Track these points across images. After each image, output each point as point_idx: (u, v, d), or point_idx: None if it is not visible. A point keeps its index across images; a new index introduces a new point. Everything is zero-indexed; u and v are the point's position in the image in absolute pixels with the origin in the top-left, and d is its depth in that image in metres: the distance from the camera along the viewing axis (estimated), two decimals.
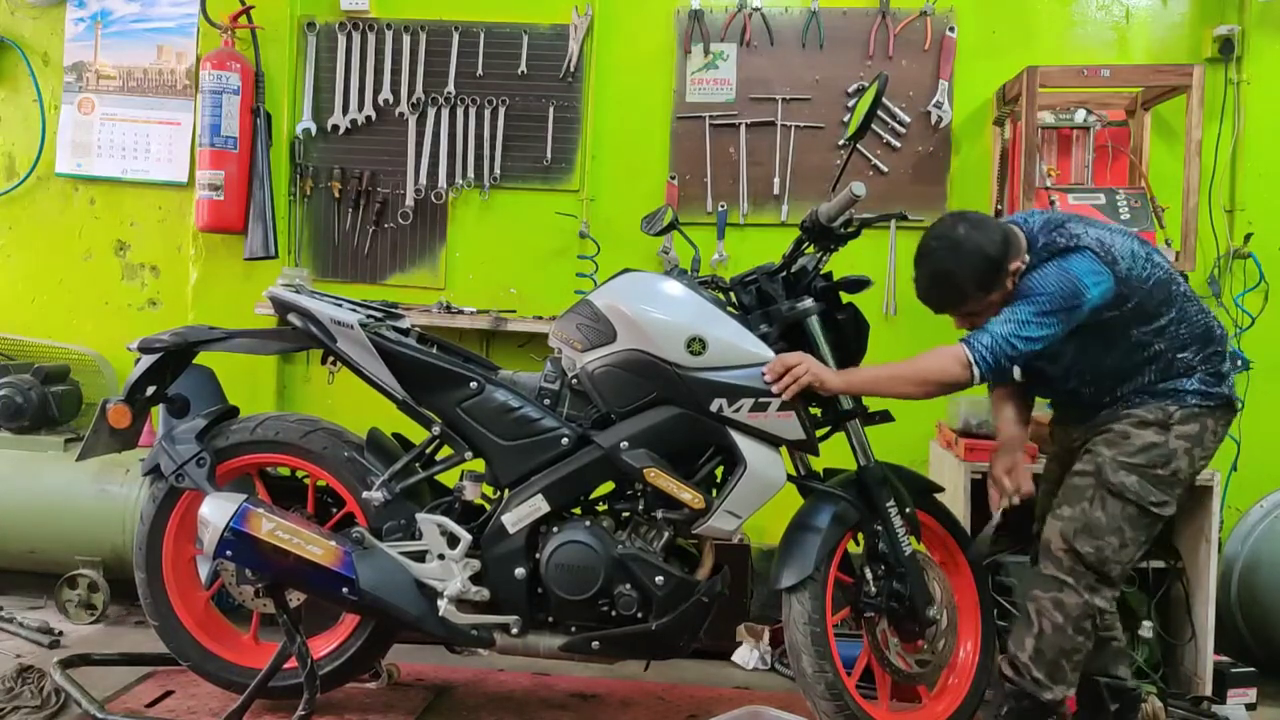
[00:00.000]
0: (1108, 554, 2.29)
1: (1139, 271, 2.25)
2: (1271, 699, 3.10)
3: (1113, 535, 2.29)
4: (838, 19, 3.72)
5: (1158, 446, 2.28)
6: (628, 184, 3.79)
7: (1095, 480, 2.30)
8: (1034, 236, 2.32)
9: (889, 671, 2.51)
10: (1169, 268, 2.33)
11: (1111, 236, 2.29)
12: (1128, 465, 2.28)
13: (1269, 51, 3.57)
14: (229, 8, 3.79)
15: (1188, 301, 2.32)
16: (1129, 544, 2.30)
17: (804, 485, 2.54)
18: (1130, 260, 2.25)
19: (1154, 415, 2.29)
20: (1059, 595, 2.31)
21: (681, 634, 2.46)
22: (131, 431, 2.64)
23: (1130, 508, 2.28)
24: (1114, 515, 2.28)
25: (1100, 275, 2.21)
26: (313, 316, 2.54)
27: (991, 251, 2.25)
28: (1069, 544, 2.31)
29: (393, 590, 2.47)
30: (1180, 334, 2.29)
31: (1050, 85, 3.29)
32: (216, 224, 3.73)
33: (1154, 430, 2.29)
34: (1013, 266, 2.26)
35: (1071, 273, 2.20)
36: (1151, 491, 2.28)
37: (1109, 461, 2.30)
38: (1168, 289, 2.29)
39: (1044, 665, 2.32)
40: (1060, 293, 2.20)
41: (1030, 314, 2.21)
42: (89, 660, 2.88)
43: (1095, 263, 2.21)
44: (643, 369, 2.39)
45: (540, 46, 3.81)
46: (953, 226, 2.30)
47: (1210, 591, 3.02)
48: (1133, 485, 2.27)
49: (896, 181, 3.68)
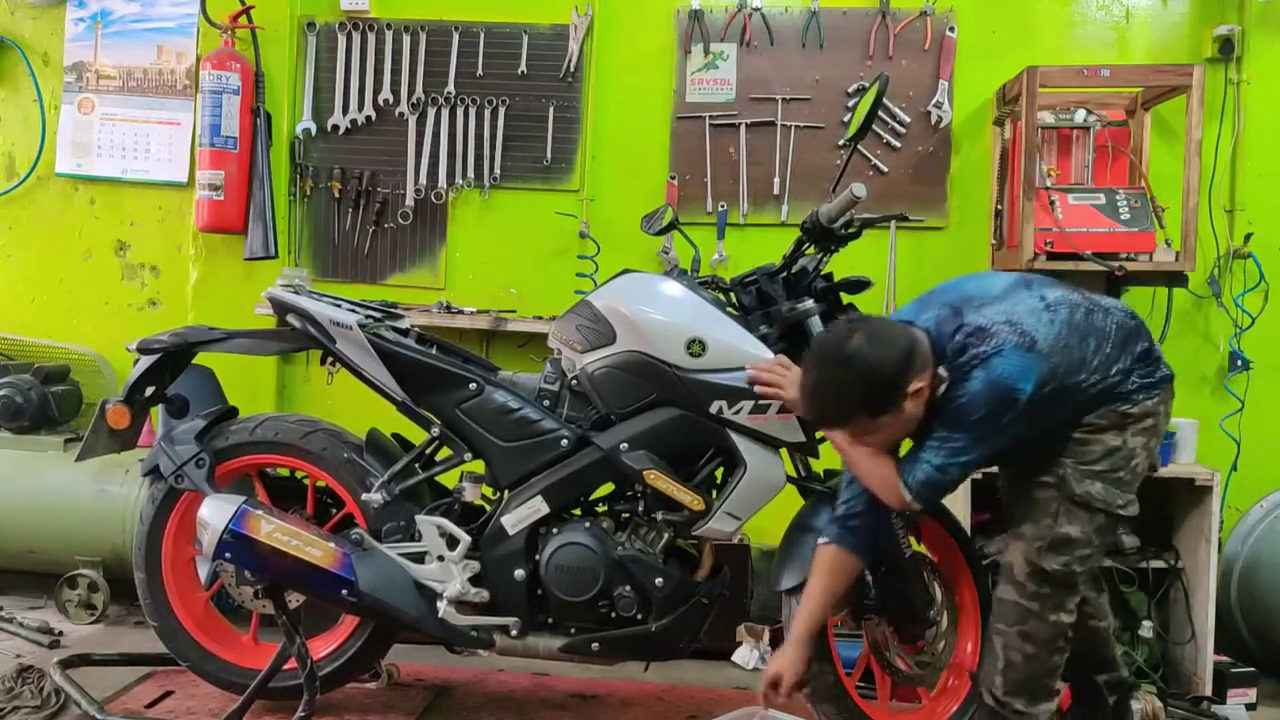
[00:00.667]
0: (1074, 567, 2.14)
1: (1053, 330, 2.07)
2: (1271, 699, 3.11)
3: (1082, 548, 2.14)
4: (838, 19, 3.71)
5: (1119, 450, 2.13)
6: (628, 184, 3.79)
7: (1059, 493, 2.14)
8: (943, 341, 2.09)
9: (889, 672, 2.51)
10: (1062, 296, 2.15)
11: (1015, 306, 2.09)
12: (1091, 473, 2.13)
13: (1269, 51, 3.56)
14: (229, 8, 3.79)
15: (1093, 314, 2.15)
16: (1095, 552, 2.17)
17: (804, 487, 2.54)
18: (1044, 327, 2.06)
19: (1107, 419, 2.13)
20: (1024, 627, 2.15)
21: (681, 635, 2.46)
22: (131, 432, 2.64)
23: (1099, 516, 2.13)
24: (1083, 527, 2.13)
25: (1029, 367, 2.01)
26: (311, 317, 2.54)
27: (886, 371, 1.99)
28: (1034, 564, 2.14)
29: (392, 591, 2.47)
30: (1107, 354, 2.12)
31: (1050, 85, 3.28)
32: (216, 224, 3.73)
33: (1112, 434, 2.13)
34: (913, 387, 2.01)
35: (1003, 382, 2.00)
36: (1118, 496, 2.14)
37: (1072, 472, 2.13)
38: (1073, 322, 2.11)
39: (1022, 695, 2.18)
40: (996, 411, 2.01)
41: (966, 441, 2.05)
42: (89, 660, 2.88)
43: (1020, 356, 2.01)
44: (642, 370, 2.39)
45: (540, 46, 3.80)
46: (846, 338, 2.03)
47: (1210, 591, 3.02)
48: (1099, 493, 2.12)
49: (896, 182, 3.68)
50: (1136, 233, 3.19)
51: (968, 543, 2.67)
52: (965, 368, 2.04)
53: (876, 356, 1.99)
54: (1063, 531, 2.13)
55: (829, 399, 2.06)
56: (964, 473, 2.12)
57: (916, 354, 2.03)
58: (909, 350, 2.03)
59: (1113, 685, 2.47)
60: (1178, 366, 2.25)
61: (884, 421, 2.05)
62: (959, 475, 2.11)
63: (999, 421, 2.02)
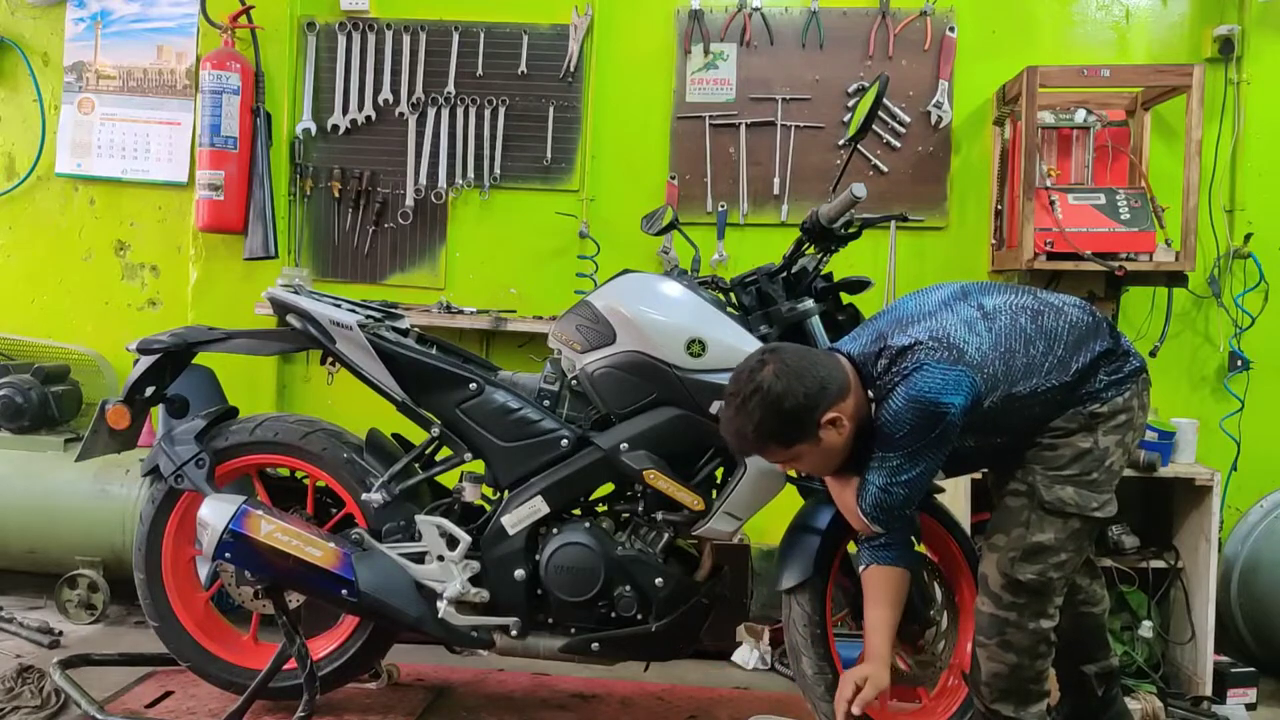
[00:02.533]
0: (1050, 574, 2.10)
1: (988, 339, 2.05)
2: (1271, 699, 3.11)
3: (1055, 555, 2.10)
4: (838, 19, 3.71)
5: (1090, 452, 2.09)
6: (628, 184, 3.79)
7: (1029, 500, 2.11)
8: (868, 365, 2.10)
9: None
10: (1003, 304, 2.12)
11: (945, 320, 2.07)
12: (1062, 478, 2.09)
13: (1269, 51, 3.56)
14: (229, 8, 3.79)
15: (1040, 316, 2.11)
16: (1073, 555, 2.13)
17: (804, 487, 2.54)
18: (974, 339, 2.04)
19: (1075, 422, 2.10)
20: (1004, 637, 2.13)
21: (681, 635, 2.46)
22: (131, 432, 2.64)
23: (1073, 521, 2.09)
24: (1057, 534, 2.09)
25: (954, 380, 1.97)
26: (311, 317, 2.54)
27: (792, 402, 1.99)
28: (1008, 575, 2.11)
29: (392, 592, 2.47)
30: (1060, 355, 2.08)
31: (1050, 85, 3.28)
32: (216, 224, 3.73)
33: (1080, 435, 2.10)
34: (827, 417, 2.02)
35: (924, 398, 1.97)
36: (1091, 499, 2.10)
37: (1041, 479, 2.10)
38: (1014, 328, 2.08)
39: (1010, 702, 2.17)
40: (921, 426, 1.99)
41: (899, 459, 2.03)
42: (89, 660, 2.88)
43: (942, 371, 1.98)
44: (642, 370, 2.39)
45: (540, 46, 3.80)
46: (756, 369, 2.04)
47: (1210, 591, 3.02)
48: (1071, 498, 2.08)
49: (896, 181, 3.68)
50: (1136, 233, 3.19)
51: (968, 543, 2.67)
52: (887, 387, 2.04)
53: (781, 389, 2.00)
54: (1034, 540, 2.10)
55: (740, 430, 2.06)
56: (912, 490, 2.07)
57: (829, 384, 2.03)
58: (820, 380, 2.02)
59: (1102, 676, 2.44)
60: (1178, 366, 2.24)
61: (800, 450, 2.06)
62: (906, 494, 2.08)
63: (928, 436, 2.00)
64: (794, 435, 2.03)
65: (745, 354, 2.34)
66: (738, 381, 2.07)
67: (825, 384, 2.03)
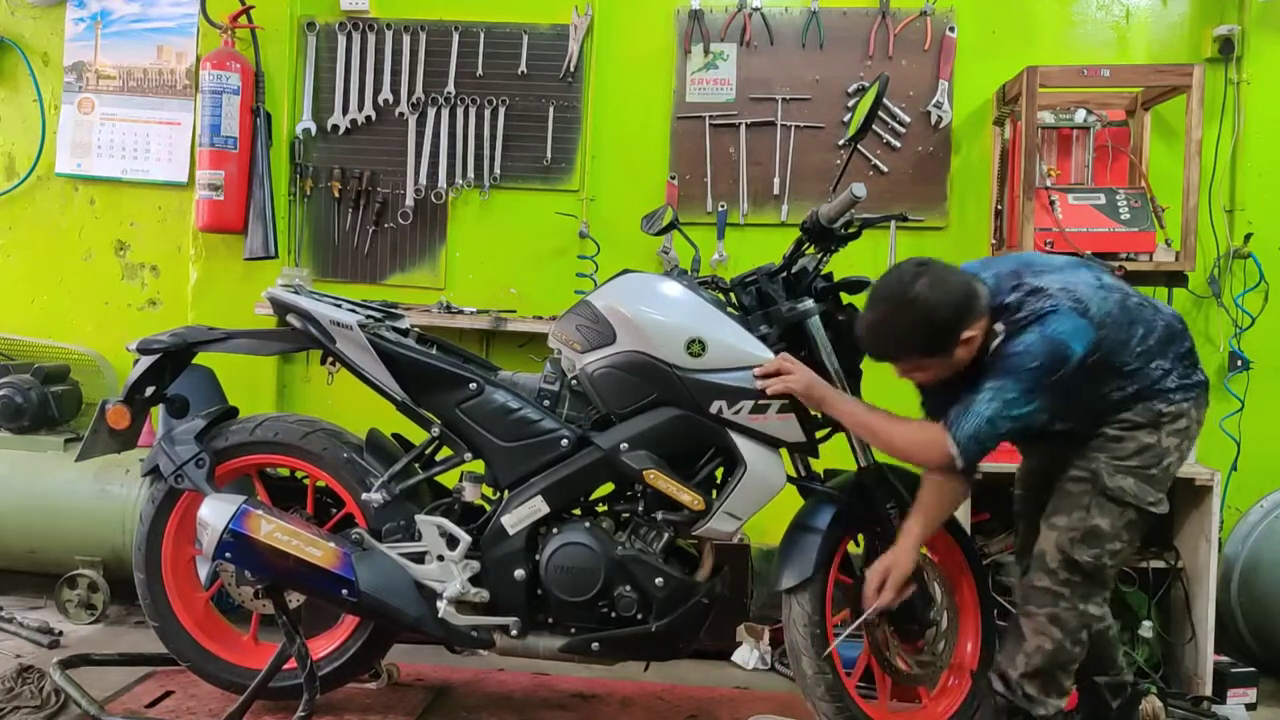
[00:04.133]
0: (1104, 560, 2.23)
1: (1105, 306, 2.18)
2: (1271, 699, 3.11)
3: (1111, 541, 2.23)
4: (838, 19, 3.72)
5: (1152, 448, 2.23)
6: (628, 184, 3.79)
7: (1091, 486, 2.23)
8: (1001, 295, 2.18)
9: (889, 673, 2.51)
10: (1116, 283, 2.26)
11: (1073, 277, 2.20)
12: (1124, 468, 2.22)
13: (1269, 51, 3.56)
14: (229, 8, 3.79)
15: (1143, 308, 2.25)
16: (1125, 546, 2.26)
17: (804, 486, 2.54)
18: (1098, 300, 2.17)
19: (1143, 417, 2.23)
20: (1054, 610, 2.24)
21: (681, 635, 2.46)
22: (131, 432, 2.64)
23: (1130, 511, 2.23)
24: (1114, 521, 2.22)
25: (1081, 330, 2.10)
26: (311, 317, 2.54)
27: (943, 315, 2.10)
28: (1065, 554, 2.23)
29: (392, 591, 2.47)
30: (1150, 346, 2.22)
31: (1050, 85, 3.29)
32: (216, 224, 3.73)
33: (1146, 431, 2.23)
34: (966, 334, 2.12)
35: (1057, 338, 2.08)
36: (1149, 492, 2.23)
37: (1105, 466, 2.22)
38: (1125, 306, 2.22)
39: (1038, 681, 2.25)
40: (1049, 365, 2.08)
41: (1019, 391, 2.10)
42: (89, 660, 2.88)
43: (1074, 318, 2.10)
44: (642, 370, 2.39)
45: (540, 46, 3.81)
46: (911, 280, 2.13)
47: (1210, 591, 3.02)
48: (1130, 488, 2.22)
49: (896, 181, 3.68)
50: (1136, 233, 3.19)
51: (968, 543, 2.68)
52: (1022, 322, 2.13)
53: (936, 300, 2.10)
54: (1094, 523, 2.22)
55: (888, 336, 2.18)
56: (1011, 427, 2.14)
57: (974, 302, 2.13)
58: (968, 297, 2.13)
59: (1114, 688, 2.48)
60: None
61: (934, 362, 2.17)
62: (1006, 430, 2.14)
63: (1050, 377, 2.09)
64: (935, 346, 2.13)
65: (745, 353, 2.36)
66: (889, 287, 2.17)
67: (970, 302, 2.13)
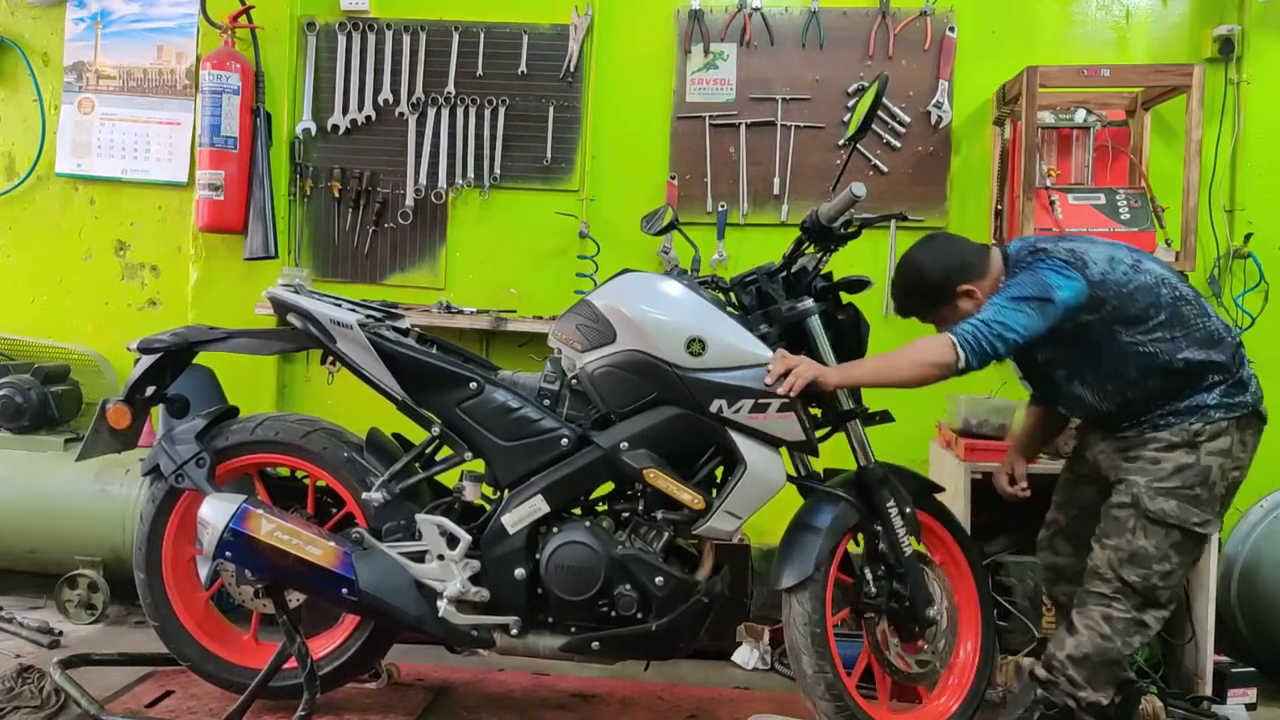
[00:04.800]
0: (1155, 581, 2.30)
1: (1116, 276, 2.28)
2: (1271, 699, 3.10)
3: (1159, 563, 2.29)
4: (838, 19, 3.72)
5: (1191, 467, 2.28)
6: (628, 184, 3.79)
7: (1135, 510, 2.31)
8: (1013, 259, 2.41)
9: (889, 672, 2.51)
10: (1163, 274, 2.33)
11: (1089, 246, 2.35)
12: (1164, 490, 2.28)
13: (1269, 51, 3.57)
14: (229, 8, 3.79)
15: (1184, 304, 2.30)
16: (1176, 568, 2.31)
17: (804, 486, 2.54)
18: (1106, 265, 2.29)
19: (1180, 436, 2.29)
20: (1108, 610, 2.33)
21: (681, 634, 2.46)
22: (131, 432, 2.64)
23: (1174, 533, 2.28)
24: (1159, 543, 2.29)
25: (1069, 278, 2.26)
26: (312, 317, 2.54)
27: (932, 273, 2.42)
28: (1115, 572, 2.32)
29: (392, 591, 2.47)
30: (1175, 338, 2.28)
31: (1050, 85, 3.29)
32: (216, 224, 3.73)
33: (1183, 451, 2.29)
34: (964, 288, 2.39)
35: (1040, 274, 2.28)
36: (1193, 513, 2.28)
37: (1145, 490, 2.30)
38: (1155, 293, 2.28)
39: (1084, 669, 2.33)
40: (1030, 286, 2.26)
41: (1004, 301, 2.27)
42: (89, 660, 2.88)
43: (1064, 268, 2.28)
44: (642, 369, 2.39)
45: (540, 46, 3.81)
46: (913, 247, 2.50)
47: (1210, 591, 3.01)
48: (1173, 510, 2.28)
49: (896, 181, 3.68)
50: (1136, 233, 3.19)
51: (968, 543, 2.68)
52: (1019, 267, 2.37)
53: (926, 261, 2.45)
54: (1139, 544, 2.30)
55: (898, 295, 2.54)
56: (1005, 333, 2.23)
57: (970, 263, 2.42)
58: (961, 259, 2.43)
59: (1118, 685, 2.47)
60: None
61: (944, 312, 2.44)
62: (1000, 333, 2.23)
63: (1033, 297, 2.25)
64: (935, 299, 2.44)
65: (745, 352, 2.37)
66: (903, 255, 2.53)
67: (965, 263, 2.42)
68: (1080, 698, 2.33)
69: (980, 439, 3.10)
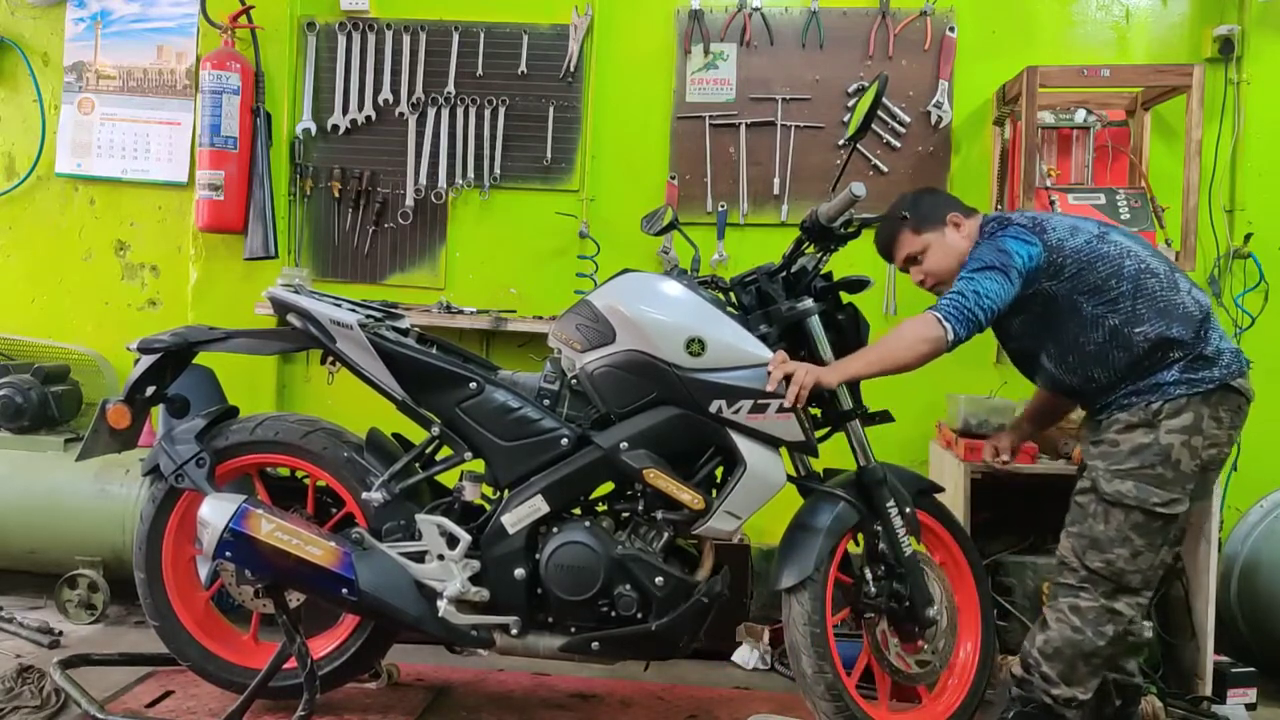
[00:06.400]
0: (1120, 565, 2.28)
1: (1075, 243, 2.34)
2: (1271, 699, 3.10)
3: (1121, 546, 2.28)
4: (838, 19, 3.72)
5: (1149, 447, 2.27)
6: (628, 184, 3.79)
7: (1094, 495, 2.32)
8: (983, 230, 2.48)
9: (889, 672, 2.51)
10: (1130, 246, 2.35)
11: (1053, 217, 2.44)
12: (1121, 472, 2.28)
13: (1269, 51, 3.57)
14: (229, 8, 3.79)
15: (1150, 277, 2.31)
16: (1142, 550, 2.28)
17: (804, 486, 2.54)
18: (1066, 233, 2.36)
19: (1138, 416, 2.29)
20: (1075, 600, 2.33)
21: (681, 634, 2.45)
22: (131, 432, 2.64)
23: (1134, 514, 2.26)
24: (1118, 526, 2.28)
25: (1027, 243, 2.34)
26: (312, 317, 2.54)
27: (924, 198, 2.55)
28: (1080, 560, 2.33)
29: (392, 591, 2.47)
30: (1137, 309, 2.29)
31: (1050, 85, 3.29)
32: (216, 224, 3.73)
33: (1142, 431, 2.28)
34: (951, 217, 2.49)
35: (1000, 240, 2.36)
36: (1153, 493, 2.25)
37: (1103, 473, 2.30)
38: (1118, 264, 2.31)
39: (1057, 663, 2.32)
40: (991, 253, 2.33)
41: (972, 271, 2.32)
42: (89, 660, 2.88)
43: (1022, 232, 2.37)
44: (642, 369, 2.39)
45: (540, 46, 3.81)
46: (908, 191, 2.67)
47: (1210, 591, 3.01)
48: (1129, 491, 2.26)
49: (896, 181, 3.68)
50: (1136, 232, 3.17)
51: (968, 543, 2.68)
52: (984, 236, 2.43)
53: (918, 192, 2.60)
54: (1099, 529, 2.31)
55: (884, 223, 2.55)
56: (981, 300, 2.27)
57: (959, 204, 2.54)
58: (947, 198, 2.59)
59: (1120, 686, 2.48)
60: None
61: (930, 239, 2.49)
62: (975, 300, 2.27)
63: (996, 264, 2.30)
64: (922, 220, 2.50)
65: (745, 353, 2.37)
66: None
67: (956, 201, 2.57)
68: (1055, 694, 2.32)
69: (980, 439, 3.09)
